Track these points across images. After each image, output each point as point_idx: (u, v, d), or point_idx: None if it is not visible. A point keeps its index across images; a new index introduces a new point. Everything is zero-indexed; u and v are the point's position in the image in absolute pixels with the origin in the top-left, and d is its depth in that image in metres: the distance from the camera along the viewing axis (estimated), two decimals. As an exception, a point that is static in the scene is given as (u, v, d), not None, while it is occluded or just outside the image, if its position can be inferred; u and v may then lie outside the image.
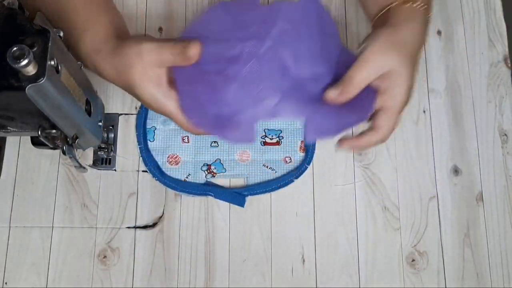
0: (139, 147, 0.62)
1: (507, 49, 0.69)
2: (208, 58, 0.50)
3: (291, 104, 0.50)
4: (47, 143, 0.49)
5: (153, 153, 0.62)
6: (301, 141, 0.63)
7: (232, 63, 0.50)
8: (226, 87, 0.51)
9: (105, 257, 0.59)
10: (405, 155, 0.64)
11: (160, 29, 0.67)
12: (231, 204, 0.61)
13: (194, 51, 0.46)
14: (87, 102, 0.51)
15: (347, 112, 0.50)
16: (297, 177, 0.62)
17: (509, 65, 0.69)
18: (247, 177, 0.62)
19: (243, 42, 0.50)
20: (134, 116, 0.64)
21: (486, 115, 0.66)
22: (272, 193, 0.62)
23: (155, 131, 0.63)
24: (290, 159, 0.63)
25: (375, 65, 0.48)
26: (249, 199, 0.61)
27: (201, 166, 0.62)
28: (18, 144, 0.62)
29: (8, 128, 0.48)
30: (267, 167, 0.63)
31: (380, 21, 0.53)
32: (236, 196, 0.61)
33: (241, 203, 0.61)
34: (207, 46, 0.50)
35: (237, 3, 0.53)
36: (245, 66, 0.50)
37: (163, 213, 0.61)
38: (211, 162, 0.62)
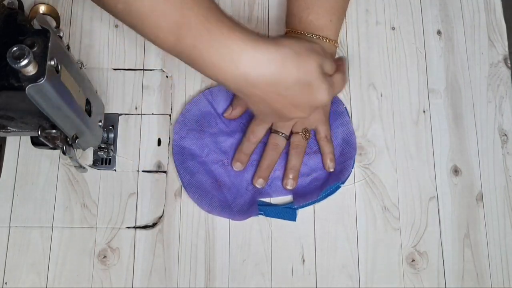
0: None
1: (507, 49, 0.69)
2: (205, 150, 0.62)
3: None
4: (47, 143, 0.49)
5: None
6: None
7: (226, 153, 0.63)
8: (224, 173, 0.62)
9: (105, 257, 0.59)
10: (405, 155, 0.64)
11: None
12: (231, 204, 0.61)
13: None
14: (87, 102, 0.51)
15: (328, 181, 0.61)
16: (343, 182, 0.62)
17: (509, 65, 0.69)
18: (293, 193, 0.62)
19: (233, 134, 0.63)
20: (134, 116, 0.64)
21: (486, 115, 0.66)
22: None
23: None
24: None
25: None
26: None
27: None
28: (18, 144, 0.62)
29: (8, 128, 0.48)
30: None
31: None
32: (288, 211, 0.60)
33: (293, 218, 0.60)
34: (203, 139, 0.62)
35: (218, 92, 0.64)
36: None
37: (163, 213, 0.61)
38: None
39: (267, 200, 0.62)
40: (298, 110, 0.51)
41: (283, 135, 0.60)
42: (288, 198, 0.62)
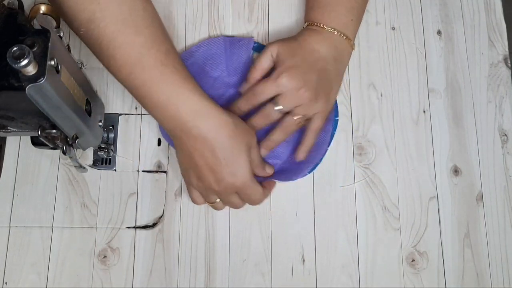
0: None
1: (507, 49, 0.69)
2: (210, 84, 0.63)
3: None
4: (47, 143, 0.49)
5: None
6: None
7: (230, 87, 0.63)
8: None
9: (105, 257, 0.59)
10: (405, 155, 0.64)
11: None
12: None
13: (269, 171, 0.59)
14: (87, 102, 0.51)
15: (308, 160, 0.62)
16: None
17: (509, 65, 0.69)
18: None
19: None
20: (134, 116, 0.64)
21: (486, 115, 0.66)
22: (272, 193, 0.62)
23: None
24: None
25: (268, 49, 0.58)
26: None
27: None
28: (18, 144, 0.62)
29: (8, 128, 0.48)
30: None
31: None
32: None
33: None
34: (201, 78, 0.62)
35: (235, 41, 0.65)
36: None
37: (163, 213, 0.61)
38: None
39: None
40: (212, 176, 0.54)
41: (280, 107, 0.57)
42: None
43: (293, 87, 0.56)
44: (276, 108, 0.57)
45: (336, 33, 0.59)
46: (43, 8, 0.64)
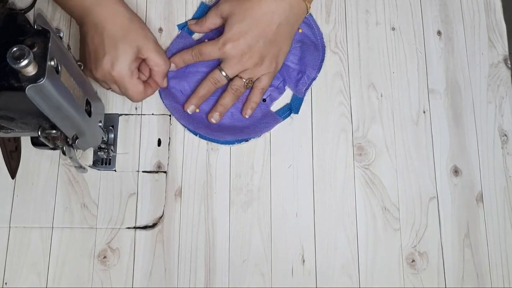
0: None
1: (507, 50, 0.69)
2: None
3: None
4: (47, 143, 0.49)
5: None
6: None
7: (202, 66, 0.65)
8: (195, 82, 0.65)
9: (105, 257, 0.59)
10: (405, 155, 0.64)
11: (160, 29, 0.67)
12: (231, 204, 0.61)
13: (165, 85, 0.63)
14: (87, 102, 0.51)
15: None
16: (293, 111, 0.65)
17: (509, 65, 0.69)
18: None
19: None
20: (134, 117, 0.64)
21: (486, 115, 0.66)
22: (272, 193, 0.62)
23: None
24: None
25: (219, 8, 0.62)
26: (249, 200, 0.61)
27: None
28: (18, 144, 0.62)
29: (8, 128, 0.48)
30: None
31: None
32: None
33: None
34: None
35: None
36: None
37: (163, 213, 0.61)
38: None
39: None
40: (94, 62, 0.57)
41: (226, 75, 0.61)
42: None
43: (237, 54, 0.59)
44: (222, 73, 0.60)
45: None
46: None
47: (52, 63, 0.39)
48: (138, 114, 0.64)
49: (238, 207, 0.61)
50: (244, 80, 0.61)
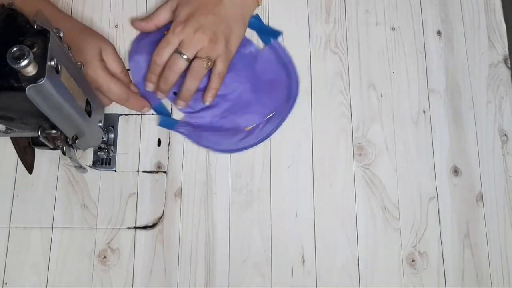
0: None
1: (507, 50, 0.69)
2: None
3: None
4: (47, 143, 0.49)
5: None
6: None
7: None
8: None
9: (105, 257, 0.59)
10: (405, 155, 0.64)
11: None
12: (231, 204, 0.61)
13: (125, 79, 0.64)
14: (87, 103, 0.51)
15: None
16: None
17: (509, 65, 0.69)
18: None
19: None
20: (134, 117, 0.64)
21: (486, 115, 0.66)
22: (272, 193, 0.62)
23: None
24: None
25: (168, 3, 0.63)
26: (249, 200, 0.62)
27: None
28: (18, 144, 0.62)
29: (8, 128, 0.48)
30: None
31: None
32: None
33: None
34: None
35: None
36: None
37: (163, 213, 0.61)
38: None
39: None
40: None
41: (184, 56, 0.60)
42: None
43: (190, 33, 0.59)
44: (182, 56, 0.60)
45: None
46: None
47: (52, 63, 0.39)
48: (138, 114, 0.64)
49: (238, 207, 0.62)
50: (203, 60, 0.60)
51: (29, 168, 0.61)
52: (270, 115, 0.64)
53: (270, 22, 0.68)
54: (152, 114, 0.64)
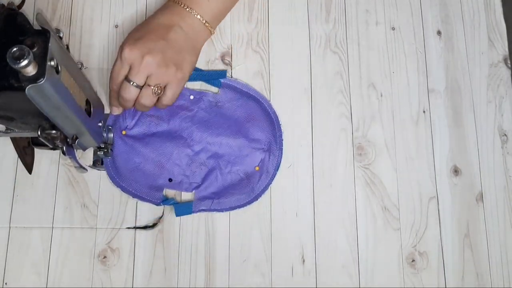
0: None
1: (507, 49, 0.69)
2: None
3: None
4: (47, 143, 0.49)
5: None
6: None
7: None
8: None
9: (105, 257, 0.59)
10: (405, 155, 0.64)
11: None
12: (231, 204, 0.61)
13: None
14: (87, 102, 0.51)
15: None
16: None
17: (509, 65, 0.69)
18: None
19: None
20: (134, 116, 0.64)
21: (486, 115, 0.66)
22: (272, 193, 0.62)
23: None
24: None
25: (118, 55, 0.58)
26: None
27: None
28: (18, 144, 0.62)
29: (8, 128, 0.48)
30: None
31: None
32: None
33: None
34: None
35: None
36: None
37: (163, 213, 0.61)
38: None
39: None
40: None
41: (134, 84, 0.57)
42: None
43: (138, 57, 0.56)
44: (131, 84, 0.57)
45: (187, 9, 0.59)
46: None
47: (52, 63, 0.39)
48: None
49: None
50: (152, 88, 0.57)
51: (29, 168, 0.61)
52: (267, 144, 0.63)
53: (270, 22, 0.68)
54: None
